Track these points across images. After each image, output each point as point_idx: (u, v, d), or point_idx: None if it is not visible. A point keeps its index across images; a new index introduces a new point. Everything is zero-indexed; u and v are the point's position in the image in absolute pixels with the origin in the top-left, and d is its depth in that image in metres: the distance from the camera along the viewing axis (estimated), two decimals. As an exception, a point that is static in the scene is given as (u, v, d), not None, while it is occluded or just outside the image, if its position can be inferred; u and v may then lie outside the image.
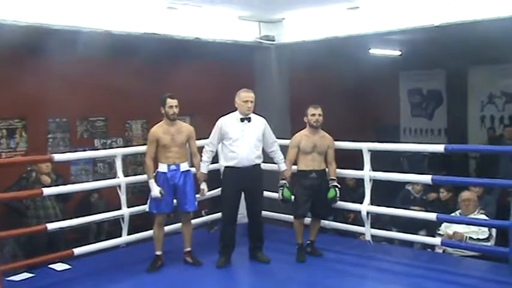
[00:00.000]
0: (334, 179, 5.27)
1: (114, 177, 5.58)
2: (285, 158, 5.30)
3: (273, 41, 7.36)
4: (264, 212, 5.42)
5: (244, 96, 5.00)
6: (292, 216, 5.41)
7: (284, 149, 5.38)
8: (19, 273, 4.78)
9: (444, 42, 8.08)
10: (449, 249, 5.48)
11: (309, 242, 5.33)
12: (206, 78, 8.66)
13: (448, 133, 12.19)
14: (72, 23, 5.37)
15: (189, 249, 5.12)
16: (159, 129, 4.95)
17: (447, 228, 5.65)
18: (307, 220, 5.42)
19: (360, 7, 6.35)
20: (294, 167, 5.33)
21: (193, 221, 5.44)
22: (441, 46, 8.59)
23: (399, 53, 10.35)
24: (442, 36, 7.48)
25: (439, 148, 5.37)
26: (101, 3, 5.50)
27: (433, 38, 7.94)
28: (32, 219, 5.49)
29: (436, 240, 5.41)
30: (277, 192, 5.27)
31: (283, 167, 5.25)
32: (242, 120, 5.02)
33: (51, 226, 5.04)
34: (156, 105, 5.04)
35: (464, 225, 5.52)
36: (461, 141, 10.90)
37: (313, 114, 5.21)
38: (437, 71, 12.15)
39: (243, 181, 4.98)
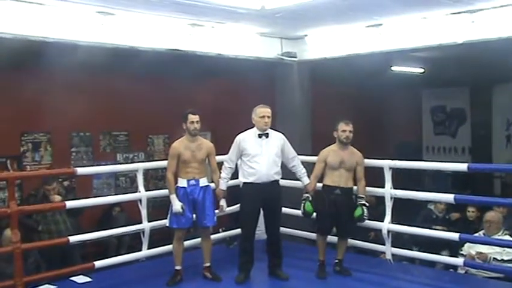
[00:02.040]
0: (363, 197, 5.12)
1: (136, 192, 5.64)
2: (311, 172, 5.25)
3: (295, 57, 7.39)
4: (283, 229, 5.40)
5: (261, 111, 5.00)
6: (314, 234, 5.37)
7: (305, 165, 5.35)
8: (41, 285, 4.84)
9: (468, 59, 8.00)
10: (473, 270, 5.38)
11: (337, 261, 5.23)
12: (227, 94, 8.73)
13: (472, 152, 12.02)
14: (96, 39, 5.48)
15: (208, 264, 5.12)
16: (180, 145, 4.99)
17: (470, 249, 5.55)
18: (333, 239, 5.36)
19: (383, 24, 6.35)
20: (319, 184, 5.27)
21: (213, 237, 5.45)
22: (465, 64, 8.50)
23: (422, 70, 10.29)
24: (466, 54, 7.42)
25: (462, 167, 5.29)
26: (125, 19, 5.60)
27: (457, 56, 7.88)
28: (44, 234, 5.56)
29: (459, 261, 5.31)
30: (296, 208, 5.24)
31: (306, 180, 5.22)
32: (260, 136, 5.02)
33: (73, 239, 5.10)
34: (177, 120, 5.09)
35: (488, 246, 5.42)
36: (486, 160, 10.75)
37: (344, 130, 5.14)
38: (461, 88, 12.03)
39: (262, 197, 4.97)
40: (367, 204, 5.14)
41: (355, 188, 5.22)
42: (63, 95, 7.24)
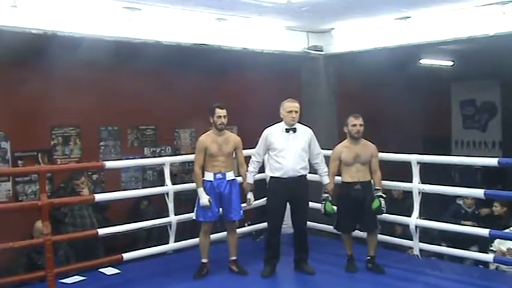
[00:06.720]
0: (379, 189, 5.07)
1: (163, 185, 5.70)
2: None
3: (321, 51, 7.35)
4: (310, 223, 5.39)
5: (288, 106, 4.99)
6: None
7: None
8: (71, 276, 4.95)
9: (499, 52, 7.81)
10: (503, 267, 5.28)
11: (368, 257, 5.18)
12: (253, 89, 8.71)
13: (503, 146, 11.78)
14: (123, 34, 5.53)
15: (234, 257, 5.15)
16: (207, 139, 5.02)
17: (501, 245, 5.45)
18: (361, 234, 5.32)
19: (411, 17, 6.25)
20: (338, 178, 5.24)
21: (239, 230, 5.47)
22: (496, 56, 8.31)
23: (451, 63, 10.09)
24: (497, 46, 7.25)
25: (492, 161, 5.19)
26: (151, 14, 5.64)
27: (487, 48, 7.71)
28: (68, 226, 5.66)
29: (489, 257, 5.22)
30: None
31: (325, 180, 5.18)
32: (287, 130, 5.01)
33: (101, 232, 5.19)
34: (204, 114, 5.11)
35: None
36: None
37: (354, 125, 5.10)
38: (491, 81, 11.78)
39: (288, 192, 4.97)
40: (384, 195, 5.08)
41: (372, 181, 5.15)
42: (91, 90, 7.34)
